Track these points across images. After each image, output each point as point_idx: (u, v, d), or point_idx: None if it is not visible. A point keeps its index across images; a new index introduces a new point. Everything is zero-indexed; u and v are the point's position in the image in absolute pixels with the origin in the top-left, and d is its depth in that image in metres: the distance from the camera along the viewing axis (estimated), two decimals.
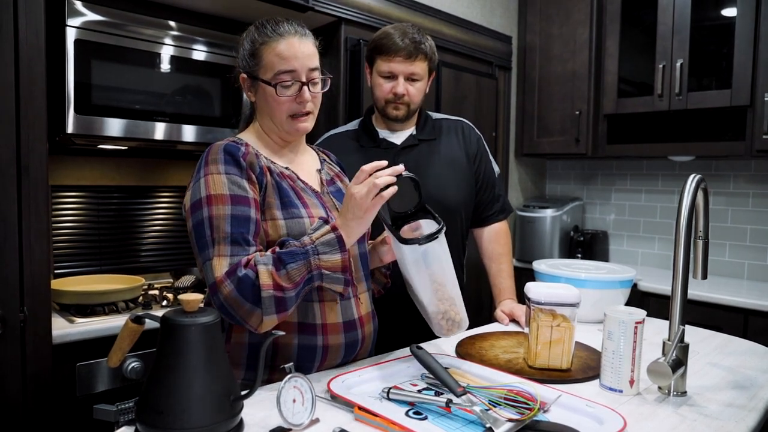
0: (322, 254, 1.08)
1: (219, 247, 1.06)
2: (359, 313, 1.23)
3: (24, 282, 1.40)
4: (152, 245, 2.28)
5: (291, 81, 1.18)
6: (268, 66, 1.18)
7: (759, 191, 2.71)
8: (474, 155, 1.75)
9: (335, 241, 1.09)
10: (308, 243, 1.08)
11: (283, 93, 1.18)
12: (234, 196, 1.09)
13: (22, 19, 1.38)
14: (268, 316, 1.04)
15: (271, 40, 1.18)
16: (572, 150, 2.98)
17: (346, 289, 1.13)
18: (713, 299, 2.30)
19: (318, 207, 1.20)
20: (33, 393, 1.42)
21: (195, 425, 0.83)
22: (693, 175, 1.14)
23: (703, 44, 2.58)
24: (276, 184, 1.16)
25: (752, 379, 1.20)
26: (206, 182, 1.10)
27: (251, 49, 1.20)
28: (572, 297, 1.21)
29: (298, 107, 1.20)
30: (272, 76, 1.17)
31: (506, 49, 3.08)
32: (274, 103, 1.19)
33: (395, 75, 1.59)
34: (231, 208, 1.08)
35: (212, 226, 1.07)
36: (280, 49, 1.17)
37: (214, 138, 2.02)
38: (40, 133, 1.42)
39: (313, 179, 1.28)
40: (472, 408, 0.93)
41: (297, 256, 1.06)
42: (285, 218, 1.14)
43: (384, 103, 1.63)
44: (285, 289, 1.05)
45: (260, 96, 1.22)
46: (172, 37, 1.92)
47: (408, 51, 1.57)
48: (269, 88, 1.18)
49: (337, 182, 1.34)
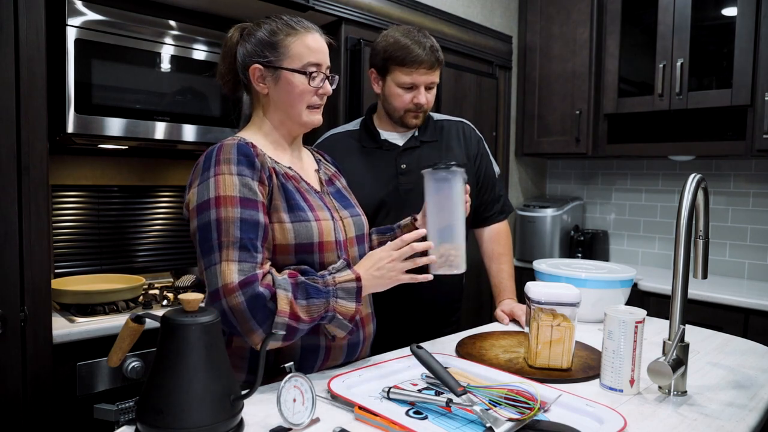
0: (340, 299, 1.10)
1: (227, 251, 1.04)
2: (360, 314, 1.23)
3: (24, 281, 1.40)
4: (152, 245, 2.28)
5: (317, 73, 1.20)
6: (295, 56, 1.18)
7: (759, 191, 2.71)
8: (475, 156, 1.75)
9: (354, 291, 1.11)
10: (331, 284, 1.10)
11: (314, 83, 1.20)
12: (244, 199, 1.07)
13: (22, 19, 1.38)
14: (275, 341, 1.05)
15: (299, 32, 1.19)
16: (572, 150, 2.97)
17: (347, 336, 1.16)
18: (714, 299, 2.30)
19: (323, 209, 1.19)
20: (33, 393, 1.42)
21: (195, 425, 0.83)
22: (693, 175, 1.14)
23: (704, 44, 2.57)
24: (281, 185, 1.15)
25: (753, 379, 1.20)
26: (216, 182, 1.07)
27: (271, 40, 1.19)
28: (572, 296, 1.21)
29: (316, 99, 1.22)
30: (302, 66, 1.18)
31: (506, 48, 3.08)
32: (297, 93, 1.19)
33: (417, 85, 1.58)
34: (240, 211, 1.06)
35: (220, 230, 1.05)
36: (308, 41, 1.20)
37: (214, 138, 2.02)
38: (41, 132, 1.42)
39: (313, 179, 1.28)
40: (473, 407, 0.93)
41: (320, 293, 1.08)
42: (293, 221, 1.13)
43: (403, 112, 1.62)
44: (300, 321, 1.05)
45: (281, 86, 1.20)
46: (173, 36, 1.92)
47: (430, 62, 1.56)
48: (297, 77, 1.18)
49: (335, 182, 1.34)
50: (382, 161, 1.66)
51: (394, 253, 1.16)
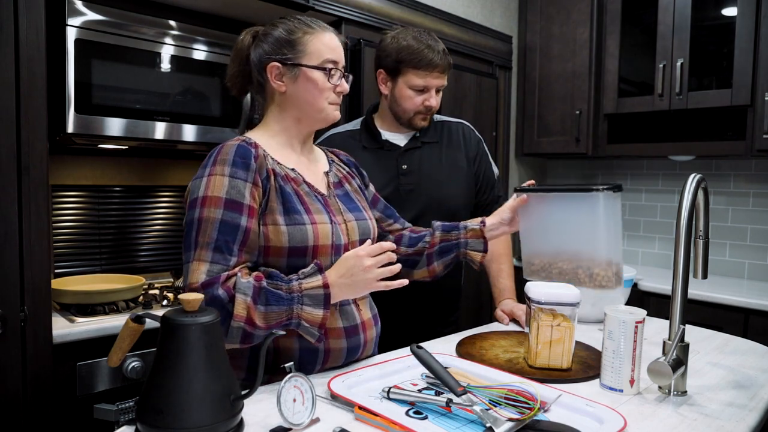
0: (305, 305, 1.07)
1: (200, 251, 1.06)
2: (361, 318, 1.23)
3: (24, 282, 1.40)
4: (152, 245, 2.28)
5: (335, 70, 1.22)
6: (314, 54, 1.20)
7: (759, 191, 2.71)
8: (474, 157, 1.76)
9: (321, 298, 1.08)
10: (296, 290, 1.07)
11: (332, 80, 1.21)
12: (229, 201, 1.08)
13: (22, 19, 1.38)
14: (230, 344, 1.04)
15: (316, 30, 1.21)
16: (572, 150, 2.98)
17: (318, 343, 1.12)
18: (714, 299, 2.30)
19: (322, 213, 1.18)
20: (33, 393, 1.42)
21: (195, 425, 0.83)
22: (693, 175, 1.14)
23: (704, 44, 2.57)
24: (279, 187, 1.15)
25: (752, 379, 1.20)
26: (207, 182, 1.10)
27: (289, 38, 1.20)
28: (572, 296, 1.21)
29: (334, 96, 1.23)
30: (320, 63, 1.20)
31: (506, 48, 3.08)
32: (316, 89, 1.20)
33: (429, 88, 1.61)
34: (222, 212, 1.07)
35: (200, 229, 1.07)
36: (326, 40, 1.22)
37: (214, 138, 2.02)
38: (41, 132, 1.42)
39: (320, 181, 1.27)
40: (473, 407, 0.93)
41: (281, 300, 1.06)
42: (287, 224, 1.12)
43: (413, 114, 1.64)
44: (256, 327, 1.05)
45: (299, 84, 1.20)
46: (173, 36, 1.92)
47: (443, 65, 1.60)
48: (316, 74, 1.19)
49: (344, 185, 1.33)
50: (383, 162, 1.66)
51: (369, 260, 1.11)
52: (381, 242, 1.16)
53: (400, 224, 1.47)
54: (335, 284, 1.11)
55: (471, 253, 1.39)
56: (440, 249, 1.39)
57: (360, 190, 1.38)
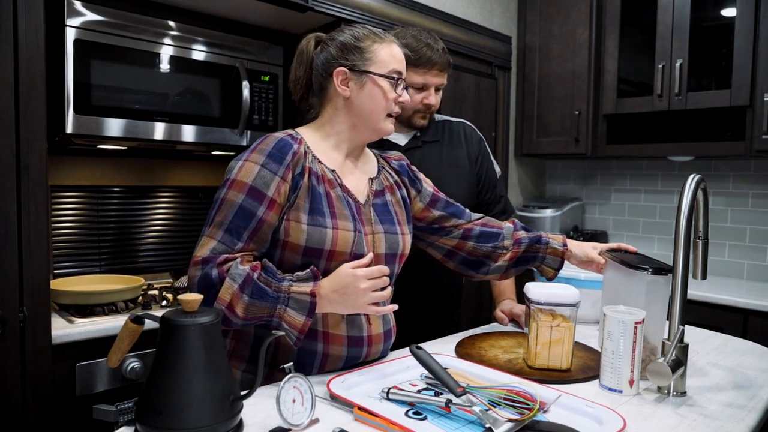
0: (290, 308, 1.07)
1: (213, 229, 1.10)
2: (370, 332, 1.20)
3: (24, 282, 1.39)
4: (152, 245, 2.28)
5: (400, 81, 1.22)
6: (382, 63, 1.20)
7: (758, 191, 2.71)
8: (476, 156, 1.76)
9: (307, 306, 1.08)
10: (284, 291, 1.07)
11: (398, 89, 1.22)
12: (253, 189, 1.10)
13: (21, 19, 1.38)
14: None
15: (384, 40, 1.22)
16: (572, 150, 2.98)
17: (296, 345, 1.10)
18: (713, 299, 2.30)
19: (348, 219, 1.16)
20: (33, 393, 1.42)
21: (195, 425, 0.83)
22: (692, 175, 1.14)
23: (703, 44, 2.58)
24: (311, 186, 1.14)
25: (752, 379, 1.20)
26: (240, 166, 1.12)
27: (358, 45, 1.20)
28: (572, 297, 1.21)
29: (396, 107, 1.23)
30: (388, 72, 1.20)
31: (506, 49, 3.08)
32: (382, 98, 1.20)
33: (428, 86, 1.61)
34: (244, 198, 1.10)
35: (220, 208, 1.11)
36: (393, 51, 1.22)
37: (214, 138, 2.02)
38: (40, 133, 1.42)
39: (361, 188, 1.24)
40: (472, 408, 0.93)
41: (266, 297, 1.06)
42: (309, 224, 1.12)
43: (412, 112, 1.64)
44: (235, 315, 1.06)
45: (365, 91, 1.20)
46: (172, 37, 1.92)
47: (443, 64, 1.60)
48: (384, 82, 1.20)
49: (386, 194, 1.28)
50: None
51: (364, 283, 1.09)
52: (380, 266, 1.14)
53: (466, 218, 1.43)
54: (325, 297, 1.10)
55: (545, 269, 1.43)
56: (519, 259, 1.42)
57: (403, 201, 1.33)
